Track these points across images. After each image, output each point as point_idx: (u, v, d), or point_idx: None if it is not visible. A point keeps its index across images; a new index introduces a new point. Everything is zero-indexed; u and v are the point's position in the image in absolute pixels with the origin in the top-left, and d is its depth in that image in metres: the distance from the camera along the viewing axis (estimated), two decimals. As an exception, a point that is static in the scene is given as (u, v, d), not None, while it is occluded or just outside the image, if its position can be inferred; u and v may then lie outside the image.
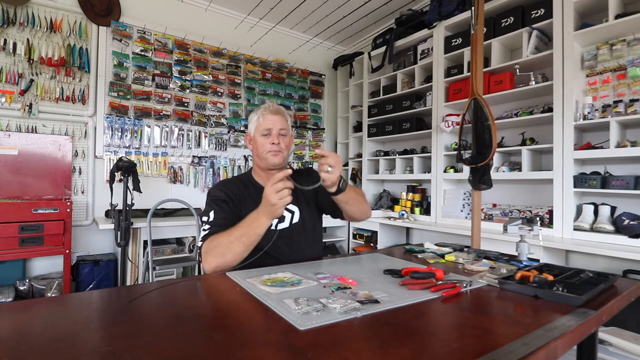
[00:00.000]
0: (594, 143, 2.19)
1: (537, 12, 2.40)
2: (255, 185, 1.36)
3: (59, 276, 2.67)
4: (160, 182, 3.32)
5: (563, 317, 0.72)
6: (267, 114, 1.30)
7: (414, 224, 3.07)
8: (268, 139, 1.29)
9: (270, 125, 1.29)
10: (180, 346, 0.58)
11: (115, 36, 3.07)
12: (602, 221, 2.09)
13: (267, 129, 1.29)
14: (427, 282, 0.92)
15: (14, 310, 0.77)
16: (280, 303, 0.77)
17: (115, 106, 3.06)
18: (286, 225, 1.32)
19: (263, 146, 1.30)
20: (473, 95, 1.92)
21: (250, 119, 1.37)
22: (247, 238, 1.10)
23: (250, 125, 1.36)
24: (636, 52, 2.04)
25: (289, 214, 1.34)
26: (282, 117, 1.32)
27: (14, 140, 2.63)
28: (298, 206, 1.36)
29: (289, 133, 1.35)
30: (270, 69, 3.97)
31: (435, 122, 3.07)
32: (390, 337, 0.63)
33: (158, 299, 0.86)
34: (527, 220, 1.29)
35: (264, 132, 1.30)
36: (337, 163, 1.12)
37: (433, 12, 3.08)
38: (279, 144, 1.29)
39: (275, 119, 1.30)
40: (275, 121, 1.30)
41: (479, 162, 1.87)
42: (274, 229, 1.28)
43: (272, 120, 1.30)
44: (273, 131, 1.29)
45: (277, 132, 1.30)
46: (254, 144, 1.34)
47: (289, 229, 1.32)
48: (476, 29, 1.89)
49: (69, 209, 2.47)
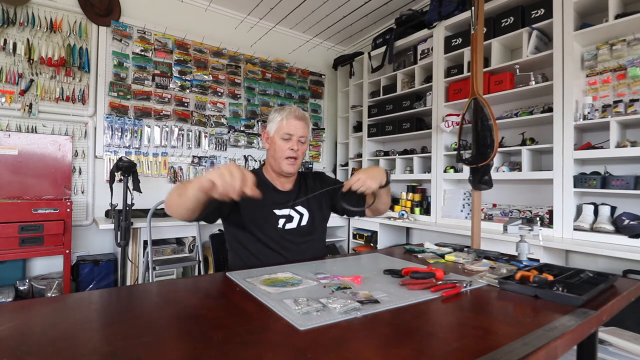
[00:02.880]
0: (594, 143, 2.19)
1: (537, 12, 2.40)
2: (265, 182, 1.35)
3: (59, 276, 2.67)
4: (160, 182, 3.32)
5: (563, 317, 0.72)
6: (292, 119, 1.29)
7: (414, 224, 3.07)
8: (287, 143, 1.28)
9: (292, 131, 1.28)
10: (180, 346, 0.58)
11: (115, 36, 3.07)
12: (602, 221, 2.09)
13: (289, 133, 1.28)
14: (427, 282, 0.92)
15: (14, 310, 0.77)
16: (280, 303, 0.77)
17: (115, 106, 3.06)
18: (294, 226, 1.32)
19: (281, 150, 1.29)
20: (473, 95, 1.92)
21: (271, 117, 1.34)
22: (183, 189, 1.04)
23: (270, 125, 1.34)
24: (636, 52, 2.04)
25: (297, 215, 1.34)
26: (305, 124, 1.32)
27: (14, 140, 2.63)
28: (307, 209, 1.37)
29: (308, 140, 1.35)
30: (270, 69, 3.97)
31: (435, 122, 3.07)
32: (390, 337, 0.63)
33: (158, 299, 0.86)
34: (527, 220, 1.29)
35: (285, 136, 1.29)
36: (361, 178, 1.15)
37: (433, 12, 3.08)
38: (297, 150, 1.29)
39: (298, 125, 1.29)
40: (298, 127, 1.29)
41: (479, 162, 1.87)
42: (281, 228, 1.29)
43: (295, 126, 1.29)
44: (294, 137, 1.29)
45: (298, 138, 1.29)
46: (272, 145, 1.33)
47: (297, 230, 1.33)
48: (476, 29, 1.89)
49: (69, 209, 2.47)
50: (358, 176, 1.17)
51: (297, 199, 1.35)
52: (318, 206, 1.40)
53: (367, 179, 1.16)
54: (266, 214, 1.29)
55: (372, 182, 1.16)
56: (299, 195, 1.37)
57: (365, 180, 1.16)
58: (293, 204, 1.33)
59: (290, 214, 1.32)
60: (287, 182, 1.39)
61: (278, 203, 1.32)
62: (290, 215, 1.32)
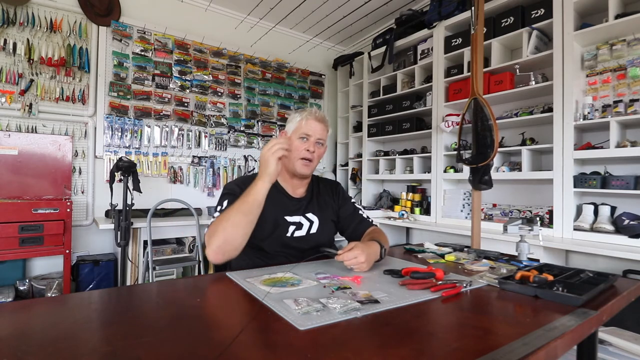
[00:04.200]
0: (594, 143, 2.19)
1: (537, 12, 2.40)
2: (276, 187, 1.31)
3: (59, 276, 2.67)
4: (160, 182, 3.32)
5: (563, 317, 0.72)
6: (312, 120, 1.28)
7: (414, 224, 3.07)
8: (304, 143, 1.27)
9: (311, 132, 1.28)
10: (180, 346, 0.58)
11: (115, 36, 3.07)
12: (602, 221, 2.09)
13: (307, 134, 1.27)
14: (427, 282, 0.92)
15: (14, 310, 0.77)
16: (280, 303, 0.77)
17: (115, 106, 3.06)
18: (303, 234, 1.31)
19: (297, 150, 1.27)
20: (473, 95, 1.92)
21: (291, 118, 1.34)
22: (245, 205, 1.06)
23: (289, 125, 1.33)
24: (636, 52, 2.04)
25: (307, 222, 1.32)
26: (324, 127, 1.31)
27: (14, 140, 2.63)
28: (319, 217, 1.35)
29: (325, 144, 1.34)
30: (270, 69, 3.97)
31: (435, 122, 3.07)
32: (390, 337, 0.63)
33: (158, 299, 0.86)
34: (527, 220, 1.29)
35: (302, 136, 1.28)
36: (358, 258, 1.05)
37: (433, 12, 3.08)
38: (314, 152, 1.28)
39: (317, 127, 1.28)
40: (317, 129, 1.28)
41: (479, 162, 1.87)
42: (289, 236, 1.28)
43: (314, 128, 1.28)
44: (312, 138, 1.28)
45: (315, 140, 1.28)
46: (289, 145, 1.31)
47: (305, 238, 1.31)
48: (476, 29, 1.89)
49: (69, 209, 2.47)
50: (355, 254, 1.05)
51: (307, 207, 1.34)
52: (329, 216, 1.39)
53: (365, 262, 1.05)
54: (277, 220, 1.27)
55: (368, 266, 1.07)
56: (311, 203, 1.36)
57: (361, 264, 1.05)
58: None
59: (300, 222, 1.30)
60: (300, 185, 1.36)
61: (289, 210, 1.30)
62: (301, 222, 1.30)
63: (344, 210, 1.42)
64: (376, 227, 1.41)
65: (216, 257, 1.06)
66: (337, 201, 1.43)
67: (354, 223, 1.41)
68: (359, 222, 1.41)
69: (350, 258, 1.05)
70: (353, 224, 1.41)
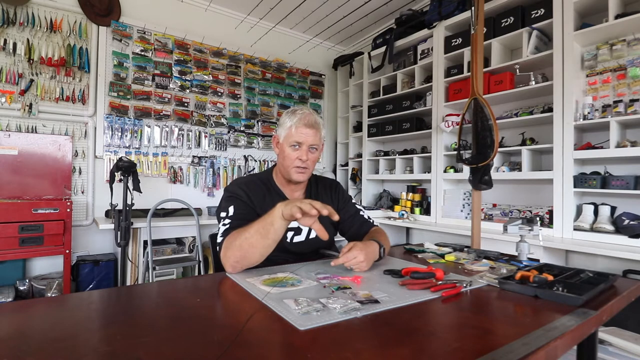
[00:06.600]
0: (594, 143, 2.19)
1: (537, 12, 2.40)
2: (278, 193, 1.30)
3: (59, 276, 2.67)
4: (160, 182, 3.32)
5: (563, 317, 0.72)
6: (301, 126, 1.21)
7: (414, 224, 3.07)
8: (296, 152, 1.21)
9: (302, 139, 1.21)
10: (180, 346, 0.58)
11: (115, 36, 3.07)
12: (602, 221, 2.09)
13: (298, 142, 1.21)
14: (427, 282, 0.92)
15: (14, 310, 0.77)
16: (280, 303, 0.77)
17: (115, 106, 3.06)
18: (302, 239, 1.29)
19: (290, 158, 1.22)
20: (473, 95, 1.92)
21: (282, 121, 1.26)
22: (264, 229, 1.01)
23: (280, 129, 1.26)
24: (636, 52, 2.04)
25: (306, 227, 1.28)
26: (316, 131, 1.23)
27: (14, 140, 2.63)
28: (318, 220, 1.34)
29: (320, 146, 1.27)
30: (270, 69, 3.97)
31: (435, 122, 3.07)
32: (390, 337, 0.63)
33: (158, 299, 0.86)
34: (527, 220, 1.29)
35: (293, 144, 1.22)
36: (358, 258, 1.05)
37: (433, 12, 3.08)
38: (307, 160, 1.22)
39: (308, 133, 1.21)
40: (308, 135, 1.21)
41: (479, 162, 1.87)
42: (288, 241, 1.26)
43: (305, 134, 1.21)
44: (303, 146, 1.21)
45: (308, 147, 1.22)
46: (281, 151, 1.26)
47: (304, 243, 1.29)
48: (476, 29, 1.89)
49: (69, 209, 2.47)
50: (354, 254, 1.05)
51: None
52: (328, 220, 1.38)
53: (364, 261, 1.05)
54: None
55: (367, 265, 1.07)
56: None
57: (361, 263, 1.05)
58: None
59: (299, 226, 1.26)
60: (297, 189, 1.34)
61: None
62: (299, 227, 1.27)
63: (345, 211, 1.40)
64: (378, 227, 1.40)
65: (234, 270, 1.05)
66: (337, 202, 1.40)
67: (356, 225, 1.39)
68: (360, 224, 1.39)
69: (350, 259, 1.05)
70: (355, 226, 1.38)
